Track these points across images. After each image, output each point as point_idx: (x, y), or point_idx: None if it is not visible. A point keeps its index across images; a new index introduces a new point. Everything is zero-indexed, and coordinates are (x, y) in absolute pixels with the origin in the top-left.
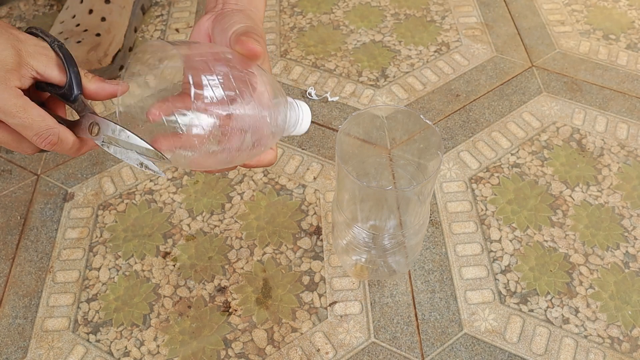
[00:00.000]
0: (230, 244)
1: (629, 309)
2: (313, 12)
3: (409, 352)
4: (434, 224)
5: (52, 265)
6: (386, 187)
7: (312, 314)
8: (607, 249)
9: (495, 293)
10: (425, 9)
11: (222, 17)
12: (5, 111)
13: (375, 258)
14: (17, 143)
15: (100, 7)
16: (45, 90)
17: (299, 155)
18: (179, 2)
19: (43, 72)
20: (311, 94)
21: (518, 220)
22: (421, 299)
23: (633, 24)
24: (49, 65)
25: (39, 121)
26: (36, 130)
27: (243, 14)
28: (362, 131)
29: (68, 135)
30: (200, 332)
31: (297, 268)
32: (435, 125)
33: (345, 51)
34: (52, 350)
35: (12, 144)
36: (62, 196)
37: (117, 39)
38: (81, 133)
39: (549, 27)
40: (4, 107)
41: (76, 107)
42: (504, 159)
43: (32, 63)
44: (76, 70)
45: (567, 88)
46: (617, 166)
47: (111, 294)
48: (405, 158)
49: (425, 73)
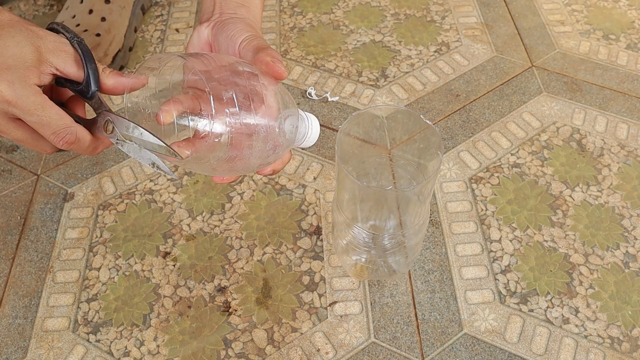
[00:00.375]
0: (230, 244)
1: (629, 309)
2: (313, 12)
3: (409, 352)
4: (434, 224)
5: (52, 265)
6: (386, 187)
7: (312, 314)
8: (607, 249)
9: (495, 293)
10: (425, 9)
11: (222, 25)
12: (24, 109)
13: (375, 258)
14: (35, 141)
15: (100, 7)
16: (64, 85)
17: (299, 155)
18: (179, 2)
19: (63, 68)
20: (311, 94)
21: (518, 220)
22: (421, 299)
23: (633, 24)
24: (67, 62)
25: (56, 119)
26: (54, 128)
27: (244, 23)
28: (362, 131)
29: (85, 134)
30: (200, 332)
31: (297, 268)
32: (435, 125)
33: (345, 51)
34: (52, 350)
35: (30, 142)
36: (62, 196)
37: (117, 39)
38: (97, 131)
39: (549, 27)
40: (23, 105)
41: (93, 104)
42: (504, 159)
43: (51, 59)
44: (94, 67)
45: (567, 88)
46: (617, 166)
47: (111, 294)
48: (405, 158)
49: (425, 73)
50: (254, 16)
